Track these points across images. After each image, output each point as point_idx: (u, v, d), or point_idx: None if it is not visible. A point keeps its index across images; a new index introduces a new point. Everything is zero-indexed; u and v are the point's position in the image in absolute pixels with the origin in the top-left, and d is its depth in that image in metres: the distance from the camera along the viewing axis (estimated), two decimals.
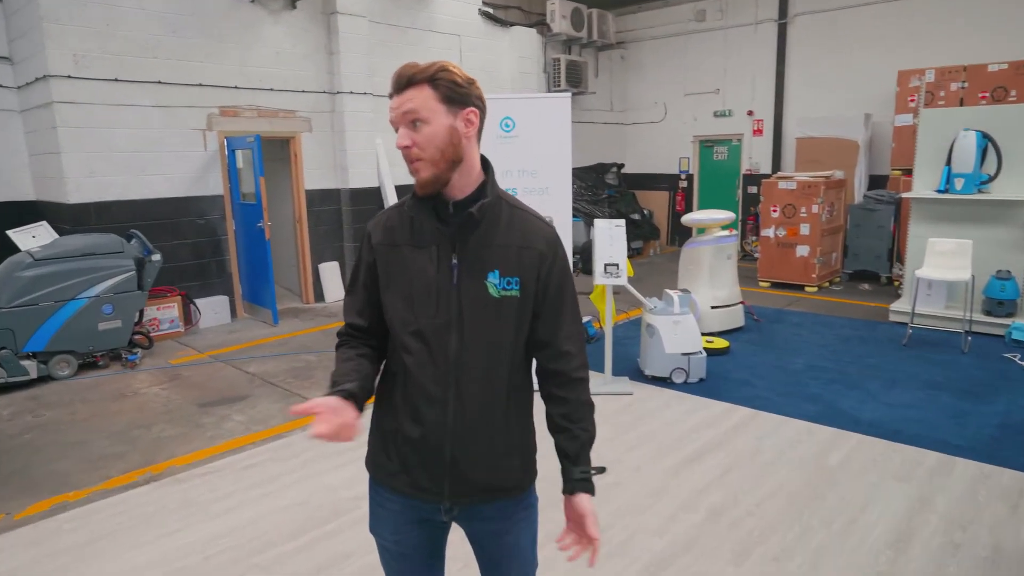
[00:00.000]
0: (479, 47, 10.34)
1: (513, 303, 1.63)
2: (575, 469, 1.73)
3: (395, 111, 1.56)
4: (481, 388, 1.64)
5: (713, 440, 4.44)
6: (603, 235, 5.16)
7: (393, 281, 1.66)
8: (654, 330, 5.48)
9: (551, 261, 1.67)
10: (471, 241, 1.62)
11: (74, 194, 6.78)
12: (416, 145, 1.55)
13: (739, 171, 12.22)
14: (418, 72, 1.55)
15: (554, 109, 5.00)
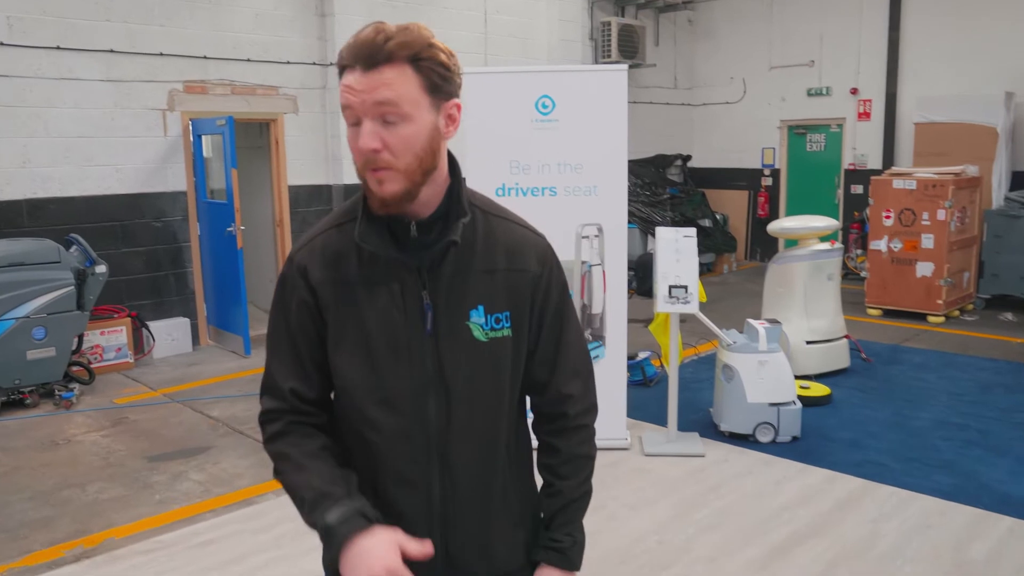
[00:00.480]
0: (509, 7, 10.32)
1: (505, 345, 1.58)
2: (545, 534, 1.70)
3: (359, 96, 1.40)
4: (474, 460, 1.60)
5: (812, 522, 4.24)
6: (668, 248, 5.02)
7: (344, 334, 1.54)
8: (733, 372, 5.31)
9: (547, 281, 1.62)
10: (444, 271, 1.53)
11: (4, 189, 6.83)
12: (388, 149, 1.42)
13: (840, 166, 12.03)
14: (398, 45, 1.40)
15: (606, 85, 4.90)
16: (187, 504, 4.55)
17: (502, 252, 1.57)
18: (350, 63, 1.41)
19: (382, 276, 1.52)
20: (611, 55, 11.39)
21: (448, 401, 1.55)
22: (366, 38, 1.40)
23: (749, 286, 10.91)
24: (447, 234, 1.51)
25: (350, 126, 1.44)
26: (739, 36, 12.74)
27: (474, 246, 1.55)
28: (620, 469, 4.93)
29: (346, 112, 1.43)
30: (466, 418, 1.56)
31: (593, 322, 5.09)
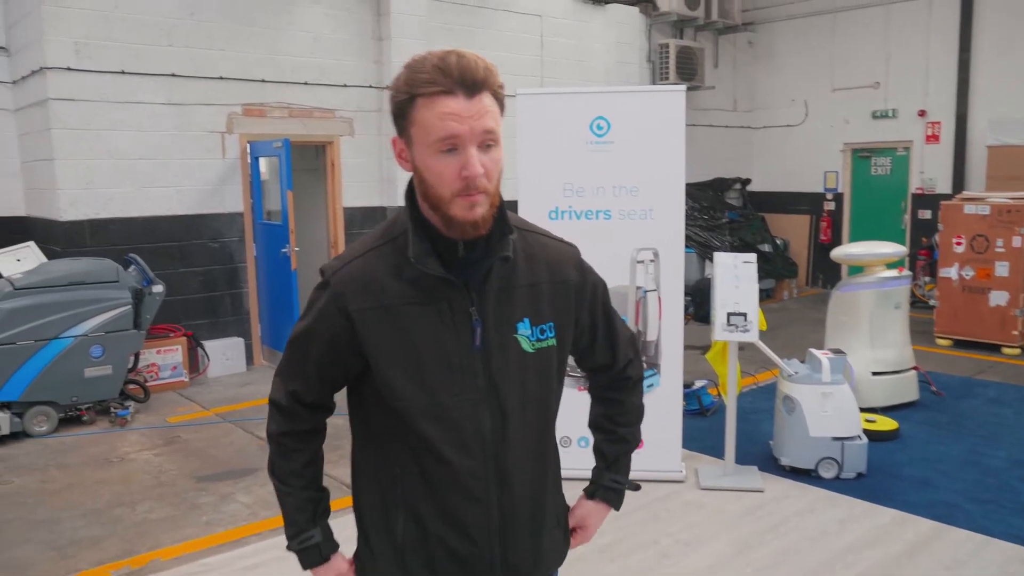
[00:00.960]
0: (566, 31, 10.30)
1: (551, 355, 1.68)
2: (607, 474, 1.92)
3: (467, 123, 1.45)
4: (528, 469, 1.68)
5: (879, 566, 4.03)
6: (726, 274, 4.87)
7: (388, 354, 1.58)
8: (794, 404, 5.11)
9: (590, 286, 1.76)
10: (491, 287, 1.60)
11: (68, 210, 6.99)
12: (488, 174, 1.49)
13: (907, 190, 11.71)
14: (491, 73, 1.49)
15: (663, 107, 4.79)
16: (233, 527, 4.54)
17: (543, 266, 1.66)
18: (449, 88, 1.44)
19: (429, 296, 1.56)
20: (669, 77, 11.28)
21: (503, 413, 1.62)
22: (468, 65, 1.45)
23: (811, 313, 10.62)
24: (494, 251, 1.57)
25: (442, 152, 1.46)
26: (801, 57, 12.53)
27: (516, 262, 1.62)
28: (674, 503, 4.76)
29: (445, 140, 1.45)
30: (520, 429, 1.64)
31: (648, 349, 4.95)
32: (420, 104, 1.46)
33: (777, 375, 5.42)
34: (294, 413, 1.71)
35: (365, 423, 1.70)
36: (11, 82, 7.67)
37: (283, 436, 1.72)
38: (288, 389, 1.70)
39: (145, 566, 4.11)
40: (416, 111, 1.46)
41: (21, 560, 4.19)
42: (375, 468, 1.69)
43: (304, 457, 1.74)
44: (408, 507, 1.64)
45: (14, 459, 5.64)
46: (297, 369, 1.69)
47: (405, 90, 1.47)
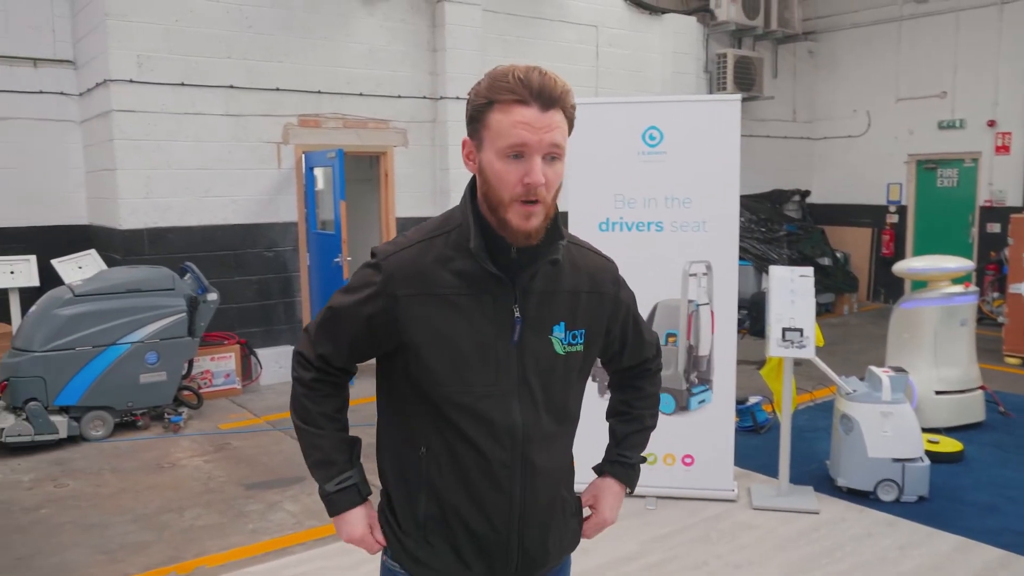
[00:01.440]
0: (622, 41, 10.22)
1: (577, 360, 1.77)
2: (615, 450, 2.00)
3: (537, 134, 1.55)
4: (550, 462, 1.76)
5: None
6: (782, 288, 4.73)
7: (430, 340, 1.65)
8: (852, 423, 4.95)
9: (624, 298, 1.87)
10: (535, 288, 1.68)
11: (128, 218, 7.15)
12: (548, 184, 1.58)
13: (974, 203, 11.36)
14: (567, 93, 1.59)
15: (717, 117, 4.69)
16: (279, 535, 4.55)
17: (585, 276, 1.77)
18: (525, 99, 1.54)
19: (474, 289, 1.64)
20: (727, 87, 11.11)
21: (532, 408, 1.70)
22: (547, 81, 1.55)
23: (872, 329, 10.33)
24: (543, 255, 1.65)
25: (509, 157, 1.56)
26: (864, 67, 12.24)
27: (561, 269, 1.72)
28: (725, 523, 4.62)
29: (514, 147, 1.55)
30: (545, 425, 1.72)
31: (700, 364, 4.83)
32: (496, 109, 1.56)
33: (835, 393, 5.26)
34: (322, 371, 1.79)
35: (393, 400, 1.76)
36: (78, 94, 7.90)
37: (316, 382, 1.78)
38: (317, 352, 1.77)
39: (191, 572, 4.14)
40: (491, 115, 1.56)
41: (72, 564, 4.25)
42: (400, 444, 1.76)
43: (336, 403, 1.82)
44: (431, 486, 1.71)
45: (70, 462, 5.76)
46: (331, 337, 1.76)
47: (485, 95, 1.57)
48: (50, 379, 5.99)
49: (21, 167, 7.68)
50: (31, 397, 5.94)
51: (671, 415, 4.87)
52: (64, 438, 6.04)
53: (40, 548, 4.43)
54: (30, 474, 5.53)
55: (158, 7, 7.13)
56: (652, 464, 4.92)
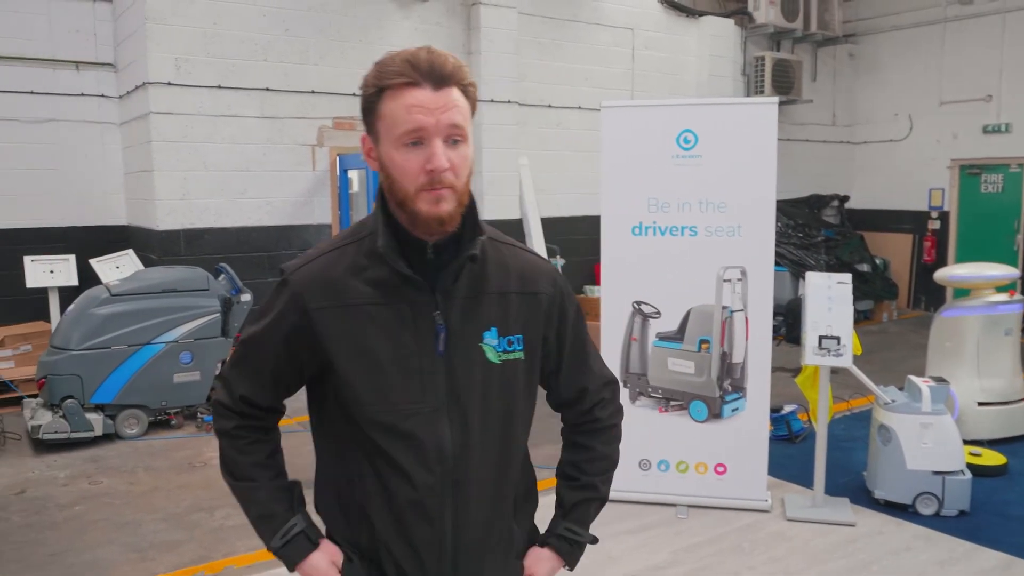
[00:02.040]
0: (658, 44, 10.15)
1: (517, 369, 1.59)
2: (562, 523, 1.75)
3: (433, 115, 1.42)
4: (488, 489, 1.59)
5: None
6: (819, 295, 4.63)
7: (347, 356, 1.51)
8: (890, 434, 4.82)
9: (561, 305, 1.66)
10: (458, 292, 1.53)
11: (165, 219, 7.24)
12: (452, 169, 1.45)
13: (1020, 209, 11.09)
14: (459, 67, 1.47)
15: (753, 120, 4.60)
16: None
17: (515, 276, 1.60)
18: (415, 80, 1.42)
19: (391, 297, 1.50)
20: (764, 91, 10.97)
21: (464, 427, 1.53)
22: (436, 59, 1.43)
23: (912, 337, 10.11)
24: (462, 252, 1.51)
25: (407, 146, 1.43)
26: (906, 70, 12.01)
27: (486, 269, 1.56)
28: (758, 534, 4.53)
29: (411, 133, 1.42)
30: (481, 444, 1.55)
31: (733, 372, 4.74)
32: (387, 97, 1.43)
33: (872, 402, 5.14)
34: (247, 415, 1.63)
35: (322, 424, 1.64)
36: (117, 97, 8.02)
37: (239, 430, 1.63)
38: (237, 394, 1.61)
39: (219, 573, 4.15)
40: (383, 104, 1.44)
41: (104, 561, 4.29)
42: (332, 469, 1.64)
43: (266, 448, 1.66)
44: (363, 514, 1.58)
45: (105, 460, 5.82)
46: (249, 372, 1.61)
47: (373, 84, 1.45)
48: (86, 377, 6.07)
49: (62, 168, 7.83)
50: (68, 395, 6.02)
51: (704, 423, 4.79)
52: (99, 436, 6.11)
53: (73, 544, 4.48)
54: (66, 471, 5.60)
55: (196, 11, 7.21)
56: (684, 472, 4.85)
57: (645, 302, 4.77)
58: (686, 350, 4.76)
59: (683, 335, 4.75)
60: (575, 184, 9.64)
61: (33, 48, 7.57)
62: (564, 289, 1.68)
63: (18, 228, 7.68)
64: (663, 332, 4.78)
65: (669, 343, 4.77)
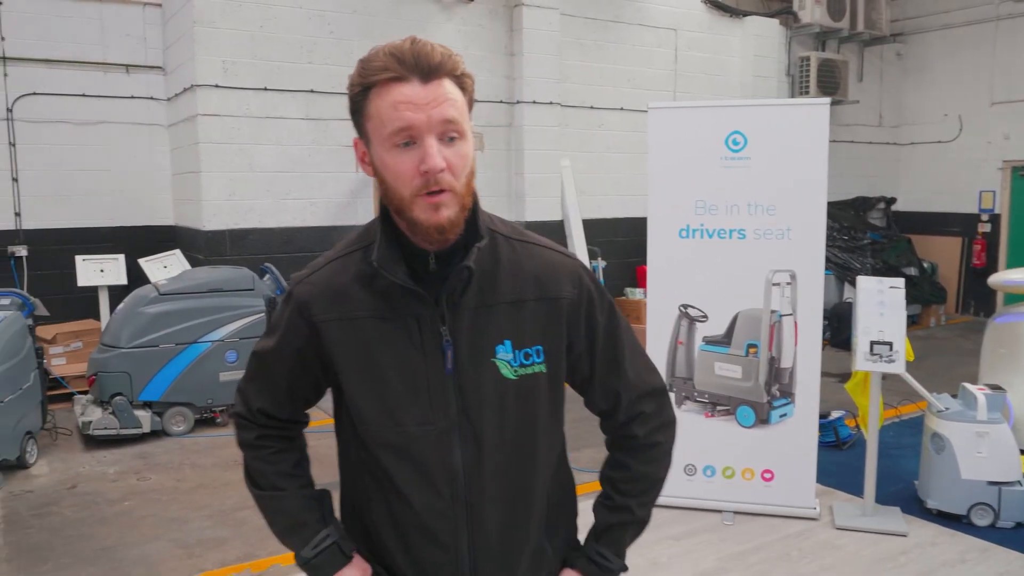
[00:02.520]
0: (701, 44, 10.04)
1: (539, 382, 1.46)
2: (593, 545, 1.61)
3: (423, 111, 1.30)
4: (507, 513, 1.48)
5: None
6: (870, 299, 4.53)
7: (355, 374, 1.43)
8: (944, 443, 4.69)
9: (587, 306, 1.51)
10: (466, 303, 1.41)
11: (211, 220, 7.32)
12: (449, 169, 1.32)
13: None
14: (448, 57, 1.33)
15: (804, 121, 4.51)
16: None
17: (531, 280, 1.46)
18: (400, 74, 1.30)
19: (396, 310, 1.40)
20: (809, 91, 10.80)
21: (477, 448, 1.43)
22: (422, 48, 1.31)
23: (961, 343, 9.88)
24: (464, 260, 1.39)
25: (398, 147, 1.31)
26: (955, 70, 11.74)
27: (497, 275, 1.43)
28: (807, 542, 4.44)
29: (401, 132, 1.30)
30: (497, 466, 1.44)
31: (782, 377, 4.66)
32: (373, 95, 1.32)
33: (924, 409, 5.01)
34: (267, 427, 1.56)
35: (342, 443, 1.56)
36: (165, 99, 8.14)
37: (262, 439, 1.55)
38: (255, 407, 1.54)
39: (265, 571, 4.18)
40: (370, 103, 1.33)
41: (152, 556, 4.34)
42: (349, 486, 1.58)
43: (293, 457, 1.58)
44: (379, 539, 1.51)
45: (152, 456, 5.90)
46: (265, 386, 1.53)
47: (358, 82, 1.34)
48: (135, 375, 6.16)
49: (112, 169, 7.97)
50: (117, 392, 6.11)
51: (750, 428, 4.72)
52: (147, 432, 6.20)
53: (122, 539, 4.54)
54: (115, 466, 5.69)
55: (244, 14, 7.29)
56: (730, 478, 4.77)
57: (692, 305, 4.71)
58: (733, 354, 4.68)
59: (730, 339, 4.68)
60: (617, 186, 9.58)
61: (86, 52, 7.72)
62: (590, 289, 1.52)
63: (70, 228, 7.83)
64: (710, 336, 4.71)
65: (716, 347, 4.70)
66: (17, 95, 7.50)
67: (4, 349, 5.37)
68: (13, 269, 7.60)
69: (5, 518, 4.81)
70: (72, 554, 4.35)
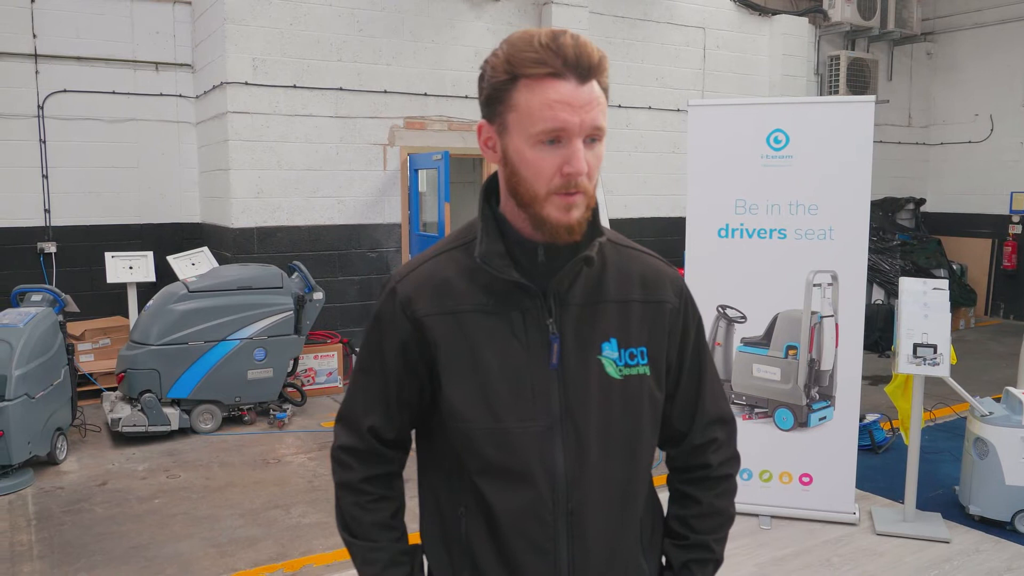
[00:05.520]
0: (729, 43, 9.92)
1: (643, 385, 1.42)
2: None
3: (579, 113, 1.26)
4: (609, 518, 1.42)
5: None
6: (914, 301, 4.43)
7: (457, 369, 1.38)
8: (988, 448, 4.59)
9: (685, 315, 1.49)
10: (573, 298, 1.38)
11: (239, 217, 7.30)
12: (590, 172, 1.31)
13: None
14: (602, 59, 1.30)
15: (847, 119, 4.42)
16: None
17: (637, 281, 1.44)
18: (559, 71, 1.25)
19: (501, 304, 1.37)
20: (839, 91, 10.65)
21: (579, 447, 1.37)
22: (583, 47, 1.25)
23: (991, 346, 9.74)
24: (578, 254, 1.36)
25: (543, 144, 1.28)
26: (987, 69, 11.56)
27: (605, 274, 1.42)
28: (847, 548, 4.35)
29: (552, 132, 1.26)
30: (600, 468, 1.39)
31: (822, 379, 4.56)
32: (523, 86, 1.27)
33: (958, 413, 4.90)
34: (375, 454, 1.47)
35: (430, 449, 1.50)
36: (194, 97, 8.13)
37: (365, 483, 1.47)
38: (365, 426, 1.46)
39: (298, 571, 4.13)
40: (517, 94, 1.28)
41: (186, 555, 4.30)
42: (437, 501, 1.49)
43: (393, 505, 1.51)
44: (469, 552, 1.43)
45: (181, 454, 5.87)
46: (374, 396, 1.46)
47: (506, 69, 1.28)
48: (164, 372, 6.13)
49: (141, 166, 7.98)
50: (146, 389, 6.09)
51: (789, 431, 4.62)
52: (175, 430, 6.18)
53: (154, 537, 4.51)
54: (144, 464, 5.67)
55: (274, 11, 7.25)
56: (767, 481, 4.68)
57: (730, 306, 4.62)
58: (772, 356, 4.59)
59: (769, 341, 4.59)
60: (645, 185, 9.48)
61: (116, 50, 7.72)
62: (689, 300, 1.50)
63: (98, 225, 7.84)
64: (748, 337, 4.62)
65: (755, 349, 4.61)
66: (48, 92, 7.52)
67: (35, 345, 5.36)
68: (42, 265, 7.62)
69: (37, 514, 4.79)
70: (104, 551, 4.33)
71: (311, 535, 4.53)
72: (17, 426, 5.09)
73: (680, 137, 9.45)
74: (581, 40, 1.27)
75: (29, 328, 5.36)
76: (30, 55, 7.43)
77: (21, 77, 7.43)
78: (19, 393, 5.13)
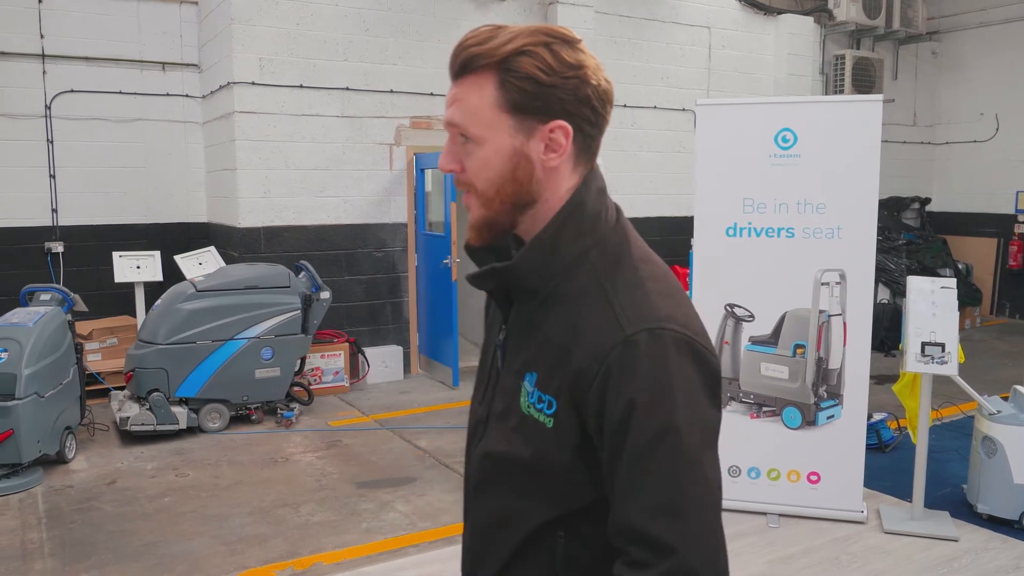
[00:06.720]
0: (734, 42, 9.93)
1: (540, 435, 1.23)
2: None
3: (447, 108, 1.30)
4: (480, 553, 1.40)
5: None
6: (922, 300, 4.44)
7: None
8: (996, 446, 4.59)
9: (600, 386, 1.15)
10: (522, 317, 1.31)
11: (246, 217, 7.32)
12: (465, 171, 1.27)
13: None
14: (487, 49, 1.20)
15: (856, 118, 4.44)
16: (392, 536, 4.52)
17: (573, 326, 1.20)
18: None
19: (496, 304, 1.41)
20: (844, 90, 10.65)
21: (481, 454, 1.37)
22: (460, 43, 1.25)
23: (997, 345, 9.73)
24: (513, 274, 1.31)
25: None
26: (993, 68, 11.56)
27: (563, 304, 1.24)
28: (855, 546, 4.35)
29: None
30: (485, 491, 1.37)
31: (829, 378, 4.57)
32: None
33: (965, 412, 4.91)
34: None
35: None
36: (201, 97, 8.15)
37: None
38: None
39: (308, 569, 4.14)
40: None
41: (195, 553, 4.32)
42: None
43: None
44: None
45: (189, 453, 5.90)
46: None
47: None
48: (172, 371, 6.16)
49: (148, 166, 8.00)
50: (154, 388, 6.11)
51: (796, 430, 4.63)
52: (183, 429, 6.20)
53: (164, 536, 4.53)
54: (153, 462, 5.69)
55: (280, 11, 7.27)
56: (775, 480, 4.69)
57: (738, 304, 4.63)
58: (780, 354, 4.60)
59: (777, 339, 4.60)
60: (650, 185, 9.49)
61: (122, 50, 7.74)
62: (613, 371, 1.14)
63: (105, 224, 7.86)
64: (756, 336, 4.63)
65: (762, 347, 4.62)
66: (55, 92, 7.54)
67: (45, 344, 5.38)
68: (50, 265, 7.64)
69: (47, 513, 4.82)
70: (115, 549, 4.35)
71: (320, 533, 4.55)
72: (27, 425, 5.12)
73: (685, 136, 9.46)
74: (467, 37, 1.24)
75: (38, 327, 5.38)
76: (37, 55, 7.45)
77: (28, 77, 7.46)
78: (29, 392, 5.15)
